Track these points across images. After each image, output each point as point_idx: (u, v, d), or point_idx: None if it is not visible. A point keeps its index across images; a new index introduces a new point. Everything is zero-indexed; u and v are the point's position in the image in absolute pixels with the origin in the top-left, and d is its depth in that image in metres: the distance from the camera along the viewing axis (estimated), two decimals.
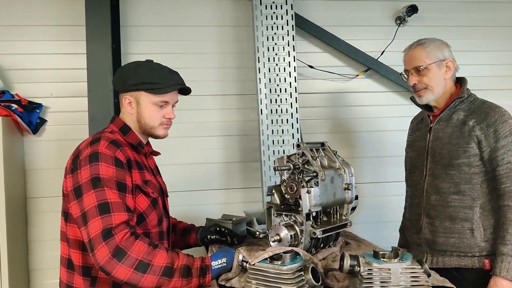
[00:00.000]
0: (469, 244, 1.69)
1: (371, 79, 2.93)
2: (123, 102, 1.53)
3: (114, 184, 1.33)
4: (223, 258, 1.36)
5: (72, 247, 1.42)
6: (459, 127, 1.72)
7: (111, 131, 1.51)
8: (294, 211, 1.51)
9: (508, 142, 1.63)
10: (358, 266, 1.18)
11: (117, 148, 1.40)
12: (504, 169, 1.62)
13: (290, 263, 1.20)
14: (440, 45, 1.77)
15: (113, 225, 1.28)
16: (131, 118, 1.53)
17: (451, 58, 1.76)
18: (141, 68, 1.52)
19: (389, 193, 2.05)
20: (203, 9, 2.79)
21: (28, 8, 2.62)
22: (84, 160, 1.36)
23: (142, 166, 1.51)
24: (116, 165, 1.36)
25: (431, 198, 1.79)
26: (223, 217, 2.01)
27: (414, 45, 1.79)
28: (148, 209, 1.45)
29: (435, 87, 1.75)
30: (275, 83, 2.60)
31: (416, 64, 1.76)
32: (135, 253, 1.27)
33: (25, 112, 2.51)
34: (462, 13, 2.99)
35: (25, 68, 2.61)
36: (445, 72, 1.75)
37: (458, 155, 1.70)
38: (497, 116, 1.66)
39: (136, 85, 1.49)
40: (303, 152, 1.54)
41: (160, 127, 1.54)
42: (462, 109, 1.75)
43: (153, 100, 1.50)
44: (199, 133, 2.77)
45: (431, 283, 1.23)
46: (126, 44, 2.70)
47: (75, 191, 1.34)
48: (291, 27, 2.62)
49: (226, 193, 2.79)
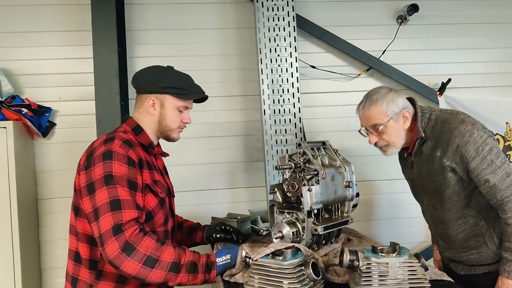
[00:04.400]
0: (488, 255, 1.70)
1: (372, 78, 2.95)
2: (146, 103, 1.56)
3: (126, 182, 1.37)
4: (227, 255, 1.41)
5: (80, 240, 1.46)
6: (431, 161, 1.68)
7: (124, 131, 1.54)
8: (296, 208, 1.56)
9: (477, 163, 1.57)
10: (357, 260, 1.22)
11: (130, 148, 1.44)
12: (485, 189, 1.59)
13: (291, 258, 1.24)
14: (392, 97, 1.69)
15: (124, 221, 1.32)
16: (150, 119, 1.57)
17: (405, 107, 1.69)
18: (169, 73, 1.58)
19: (390, 190, 2.07)
20: (206, 12, 2.83)
21: (36, 15, 2.69)
22: (98, 158, 1.40)
23: (152, 166, 1.55)
24: (128, 164, 1.40)
25: (438, 227, 1.83)
26: (228, 215, 2.06)
27: (368, 104, 1.70)
28: (156, 208, 1.49)
29: (397, 142, 1.71)
30: (278, 83, 2.64)
31: (373, 123, 1.70)
32: (144, 249, 1.31)
33: (35, 116, 2.57)
34: (462, 11, 3.00)
35: (34, 73, 2.68)
36: (403, 122, 1.70)
37: (443, 189, 1.68)
38: (458, 140, 1.59)
39: (165, 88, 1.54)
40: (304, 151, 1.59)
41: (177, 130, 1.61)
42: (428, 138, 1.70)
43: (177, 104, 1.57)
44: (204, 134, 2.81)
45: (429, 277, 1.27)
46: (131, 48, 2.76)
47: (88, 187, 1.38)
48: (293, 28, 2.66)
49: (231, 192, 2.84)
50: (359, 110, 1.75)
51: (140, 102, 1.59)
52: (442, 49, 2.97)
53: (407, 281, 1.19)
